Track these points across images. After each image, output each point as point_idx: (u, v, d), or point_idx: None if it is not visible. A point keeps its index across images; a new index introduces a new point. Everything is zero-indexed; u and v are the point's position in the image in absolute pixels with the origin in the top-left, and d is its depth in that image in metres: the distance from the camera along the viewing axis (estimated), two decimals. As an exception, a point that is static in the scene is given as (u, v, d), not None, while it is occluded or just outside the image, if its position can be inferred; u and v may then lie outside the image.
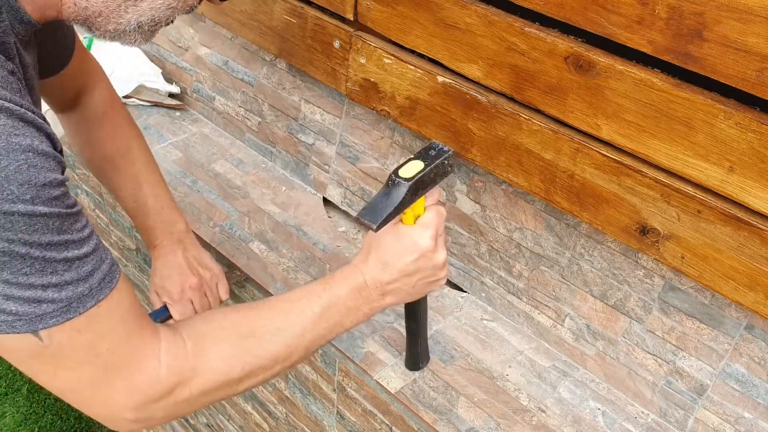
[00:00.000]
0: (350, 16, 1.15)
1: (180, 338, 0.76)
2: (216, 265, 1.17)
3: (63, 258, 0.64)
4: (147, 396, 0.72)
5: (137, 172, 1.11)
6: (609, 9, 0.83)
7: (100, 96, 1.11)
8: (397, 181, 0.82)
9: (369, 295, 0.87)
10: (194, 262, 1.14)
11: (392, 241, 0.87)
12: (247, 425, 1.58)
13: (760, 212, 0.82)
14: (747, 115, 0.78)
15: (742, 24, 0.74)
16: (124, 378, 0.71)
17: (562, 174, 0.98)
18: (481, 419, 1.04)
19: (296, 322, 0.83)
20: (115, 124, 1.12)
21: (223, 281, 1.16)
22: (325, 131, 1.37)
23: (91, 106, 1.11)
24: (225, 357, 0.78)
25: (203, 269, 1.14)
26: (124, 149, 1.12)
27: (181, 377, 0.74)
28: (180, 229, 1.14)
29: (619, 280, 1.03)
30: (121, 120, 1.13)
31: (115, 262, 0.72)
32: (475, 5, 0.97)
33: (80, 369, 0.69)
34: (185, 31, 1.58)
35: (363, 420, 1.17)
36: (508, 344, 1.16)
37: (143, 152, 1.14)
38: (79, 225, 0.67)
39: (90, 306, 0.67)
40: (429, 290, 0.93)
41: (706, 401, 0.99)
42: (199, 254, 1.15)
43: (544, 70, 0.93)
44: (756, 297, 0.86)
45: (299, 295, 0.86)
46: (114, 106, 1.13)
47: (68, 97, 1.09)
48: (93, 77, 1.11)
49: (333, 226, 1.38)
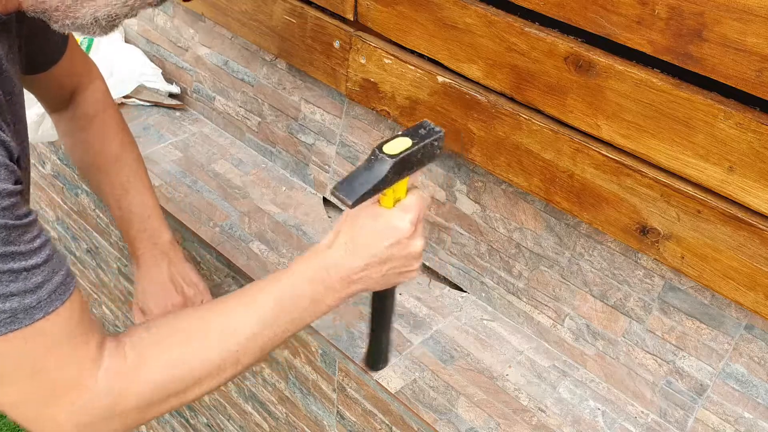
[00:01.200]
0: (350, 16, 1.15)
1: (122, 351, 0.73)
2: (201, 281, 1.13)
3: (8, 269, 0.62)
4: (87, 415, 0.70)
5: (124, 179, 1.08)
6: (609, 9, 0.83)
7: (93, 97, 1.09)
8: (380, 156, 0.74)
9: (333, 285, 0.80)
10: (178, 278, 1.10)
11: (367, 221, 0.80)
12: (247, 425, 1.58)
13: (760, 212, 0.82)
14: (747, 115, 0.78)
15: (741, 24, 0.74)
16: (66, 395, 0.69)
17: (562, 174, 0.98)
18: (481, 419, 1.04)
19: (249, 321, 0.77)
20: (106, 128, 1.09)
21: (208, 298, 1.12)
22: (325, 131, 1.37)
23: (81, 106, 1.08)
24: (168, 367, 0.74)
25: (188, 286, 1.10)
26: (113, 155, 1.09)
27: (118, 395, 0.71)
28: (165, 240, 1.10)
29: (619, 280, 1.03)
30: (113, 124, 1.10)
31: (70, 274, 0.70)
32: (475, 5, 0.97)
33: (24, 384, 0.67)
34: (185, 31, 1.58)
35: (363, 420, 1.17)
36: (508, 344, 1.16)
37: (133, 160, 1.10)
38: (29, 236, 0.65)
39: (38, 318, 0.65)
40: (398, 281, 0.85)
41: (706, 401, 0.99)
42: (184, 269, 1.11)
43: (544, 70, 0.93)
44: (756, 297, 0.86)
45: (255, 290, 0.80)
46: (106, 110, 1.10)
47: (59, 96, 1.07)
48: (86, 77, 1.09)
49: (333, 226, 1.38)
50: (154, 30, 1.66)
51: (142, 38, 1.71)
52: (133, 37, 1.73)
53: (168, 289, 1.09)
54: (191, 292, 1.10)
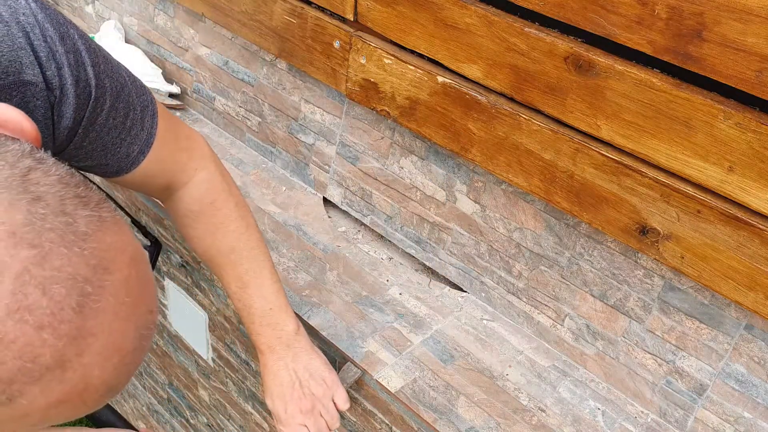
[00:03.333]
0: (350, 16, 1.15)
1: None
2: (329, 372, 1.04)
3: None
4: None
5: (242, 271, 1.00)
6: (609, 9, 0.83)
7: (195, 193, 0.96)
8: None
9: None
10: (305, 376, 1.02)
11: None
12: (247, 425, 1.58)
13: (760, 212, 0.82)
14: (747, 115, 0.78)
15: (741, 24, 0.74)
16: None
17: (561, 174, 0.98)
18: (481, 419, 1.04)
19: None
20: (215, 222, 0.98)
21: (339, 391, 1.04)
22: (325, 131, 1.37)
23: (184, 202, 0.96)
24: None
25: (315, 383, 1.03)
26: (227, 248, 0.99)
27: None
28: (288, 331, 1.02)
29: (619, 280, 1.03)
30: (222, 218, 0.98)
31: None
32: (475, 5, 0.97)
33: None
34: (185, 32, 1.58)
35: (363, 420, 1.17)
36: (508, 344, 1.16)
37: (250, 249, 1.00)
38: None
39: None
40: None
41: (706, 401, 0.99)
42: (309, 362, 1.03)
43: (544, 70, 0.93)
44: (756, 297, 0.86)
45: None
46: (214, 202, 0.97)
47: (154, 193, 0.96)
48: (182, 175, 0.94)
49: (333, 226, 1.38)
50: (155, 30, 1.66)
51: (143, 38, 1.71)
52: (133, 38, 1.73)
53: (294, 392, 1.02)
54: (320, 392, 1.03)
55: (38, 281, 0.42)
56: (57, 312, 0.42)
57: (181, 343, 1.65)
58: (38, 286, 0.42)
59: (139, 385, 2.09)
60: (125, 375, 0.48)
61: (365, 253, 1.32)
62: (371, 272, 1.27)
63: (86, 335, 0.44)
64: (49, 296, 0.42)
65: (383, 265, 1.29)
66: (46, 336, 0.42)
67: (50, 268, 0.42)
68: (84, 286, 0.44)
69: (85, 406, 0.47)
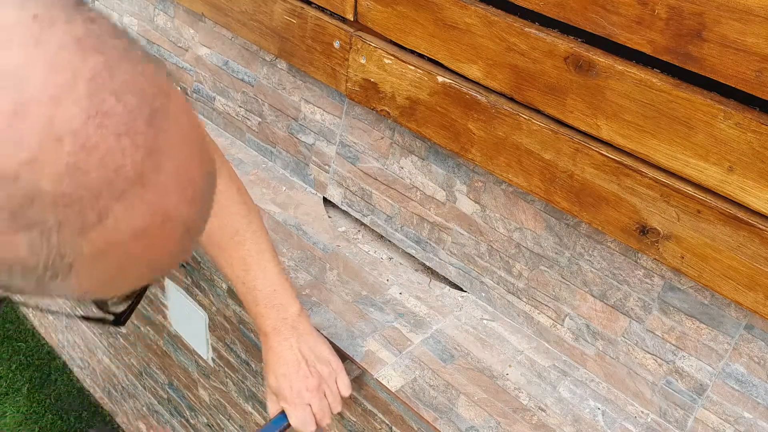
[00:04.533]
0: (350, 16, 1.15)
1: None
2: (334, 356, 1.05)
3: None
4: None
5: (245, 254, 1.01)
6: (609, 9, 0.83)
7: None
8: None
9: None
10: (311, 356, 1.03)
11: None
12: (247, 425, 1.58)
13: (760, 212, 0.82)
14: (747, 115, 0.78)
15: (741, 24, 0.74)
16: None
17: (561, 174, 0.99)
18: (481, 418, 1.04)
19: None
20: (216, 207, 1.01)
21: (342, 375, 1.05)
22: (325, 131, 1.37)
23: None
24: None
25: (321, 364, 1.03)
26: (230, 231, 1.01)
27: None
28: (293, 313, 1.03)
29: (619, 280, 1.03)
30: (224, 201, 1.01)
31: None
32: (475, 5, 0.97)
33: None
34: (185, 32, 1.59)
35: (363, 419, 1.17)
36: (508, 344, 1.16)
37: (252, 232, 1.02)
38: None
39: None
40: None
41: (706, 401, 0.99)
42: (315, 344, 1.04)
43: (544, 70, 0.93)
44: (756, 297, 0.86)
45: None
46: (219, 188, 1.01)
47: None
48: None
49: (333, 226, 1.38)
50: (154, 30, 1.66)
51: (143, 39, 1.71)
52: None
53: (301, 371, 1.02)
54: (326, 372, 1.03)
55: (111, 88, 0.40)
56: (131, 121, 0.40)
57: (181, 343, 1.65)
58: (112, 92, 0.39)
59: (139, 385, 2.09)
60: (199, 216, 0.47)
61: (365, 253, 1.32)
62: (371, 272, 1.27)
63: (159, 152, 0.41)
64: (123, 103, 0.40)
65: (383, 265, 1.29)
66: (125, 144, 0.39)
67: (119, 78, 0.40)
68: (153, 101, 0.41)
69: (165, 249, 0.45)
